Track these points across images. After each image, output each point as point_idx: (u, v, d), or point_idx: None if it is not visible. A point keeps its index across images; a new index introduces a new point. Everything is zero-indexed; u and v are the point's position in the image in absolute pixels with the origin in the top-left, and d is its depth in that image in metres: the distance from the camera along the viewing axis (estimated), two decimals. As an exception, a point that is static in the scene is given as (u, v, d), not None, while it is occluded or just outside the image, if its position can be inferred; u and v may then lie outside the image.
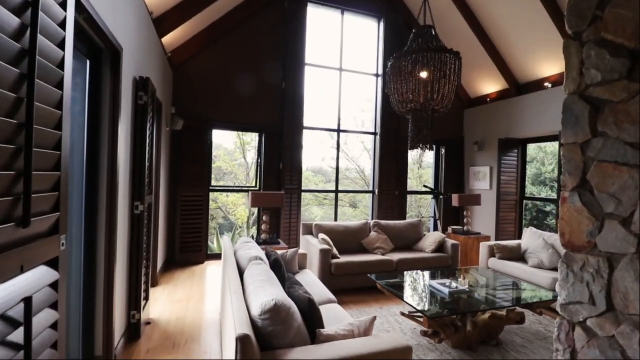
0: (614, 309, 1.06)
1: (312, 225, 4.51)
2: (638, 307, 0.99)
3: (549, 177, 8.43)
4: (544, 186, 8.43)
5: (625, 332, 1.03)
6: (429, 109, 3.44)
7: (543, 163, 8.47)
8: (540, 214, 8.41)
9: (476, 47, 5.51)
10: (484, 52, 5.48)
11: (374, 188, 6.07)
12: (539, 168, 8.81)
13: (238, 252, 2.78)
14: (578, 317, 1.20)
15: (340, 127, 5.91)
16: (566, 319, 1.28)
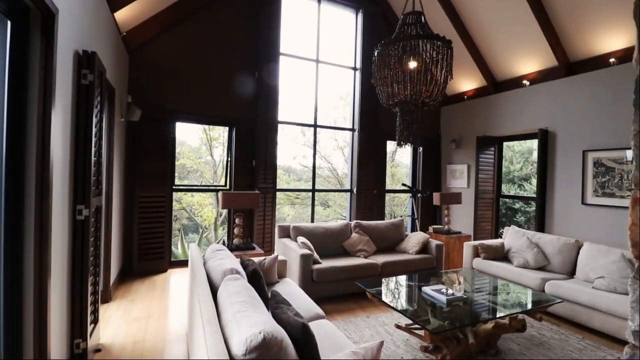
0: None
1: (290, 227, 4.14)
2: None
3: (517, 176, 8.67)
4: (513, 184, 8.65)
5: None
6: (419, 102, 3.20)
7: (512, 162, 8.69)
8: (509, 212, 8.63)
9: (456, 43, 5.40)
10: (463, 48, 5.39)
11: (352, 187, 5.80)
12: (507, 167, 9.04)
13: (209, 263, 2.35)
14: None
15: (317, 123, 5.57)
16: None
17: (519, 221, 8.41)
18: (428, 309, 2.54)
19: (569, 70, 4.51)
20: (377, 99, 5.77)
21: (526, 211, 8.47)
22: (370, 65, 5.75)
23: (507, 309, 2.55)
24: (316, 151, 5.67)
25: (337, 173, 10.51)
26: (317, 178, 10.27)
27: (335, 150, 10.15)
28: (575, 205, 4.37)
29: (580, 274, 3.51)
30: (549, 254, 3.82)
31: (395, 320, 3.16)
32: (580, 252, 3.64)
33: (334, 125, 7.57)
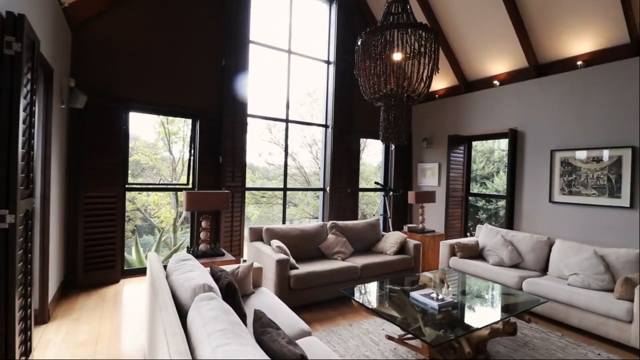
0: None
1: (263, 229, 3.80)
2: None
3: (479, 174, 8.99)
4: (475, 183, 8.96)
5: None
6: (404, 96, 3.03)
7: (474, 161, 9.00)
8: (471, 209, 8.93)
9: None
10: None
11: (325, 186, 5.57)
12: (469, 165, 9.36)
13: (174, 277, 1.98)
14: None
15: (289, 118, 5.26)
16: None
17: (481, 219, 8.73)
18: (418, 315, 2.37)
19: (539, 71, 4.63)
20: (352, 94, 5.63)
21: (488, 209, 8.82)
22: (345, 59, 5.59)
23: (499, 313, 2.45)
24: (288, 148, 5.35)
25: (304, 171, 10.25)
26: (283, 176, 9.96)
27: (302, 147, 9.87)
28: (543, 203, 4.50)
29: (553, 270, 3.58)
30: (522, 252, 3.86)
31: (379, 326, 2.98)
32: (552, 249, 3.71)
33: (306, 121, 7.29)
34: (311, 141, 9.89)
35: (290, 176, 9.78)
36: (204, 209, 3.18)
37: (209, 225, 3.30)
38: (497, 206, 8.49)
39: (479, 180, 8.90)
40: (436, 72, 2.88)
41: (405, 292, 2.75)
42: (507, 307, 2.54)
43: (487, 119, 5.25)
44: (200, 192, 3.19)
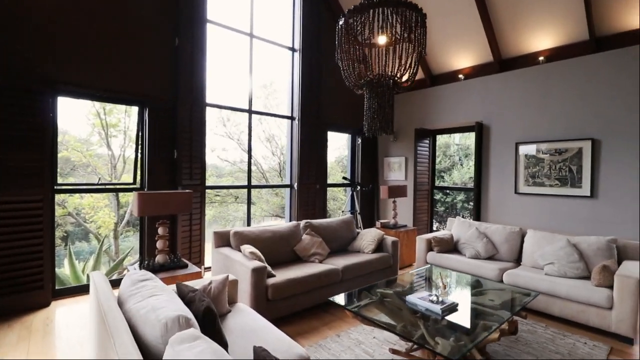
0: None
1: (230, 233, 3.34)
2: None
3: (438, 168, 9.26)
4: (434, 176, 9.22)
5: None
6: (390, 82, 2.79)
7: (432, 155, 9.25)
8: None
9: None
10: (404, 37, 5.25)
11: (293, 182, 5.20)
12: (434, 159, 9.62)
13: (130, 305, 1.51)
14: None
15: (252, 108, 4.78)
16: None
17: (439, 211, 9.01)
18: (420, 322, 2.15)
19: (502, 66, 4.73)
20: (319, 84, 5.31)
21: (445, 201, 9.13)
22: (311, 47, 5.23)
23: (500, 311, 2.33)
24: (251, 142, 4.88)
25: (261, 167, 9.73)
26: (238, 173, 9.35)
27: (261, 142, 9.35)
28: (508, 194, 4.62)
29: (527, 260, 3.64)
30: (496, 243, 3.89)
31: (368, 334, 2.74)
32: (524, 239, 3.78)
33: (270, 112, 6.82)
34: (269, 135, 9.40)
35: (246, 172, 9.20)
36: (161, 212, 2.64)
37: (167, 232, 2.76)
38: (455, 199, 8.81)
39: (436, 174, 9.16)
40: (424, 54, 2.67)
41: (399, 296, 2.52)
42: (507, 305, 2.43)
43: (453, 112, 5.28)
44: (157, 193, 2.64)
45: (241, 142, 8.80)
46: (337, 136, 6.46)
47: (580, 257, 3.19)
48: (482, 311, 2.34)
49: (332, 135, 6.26)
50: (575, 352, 2.50)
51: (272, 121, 8.27)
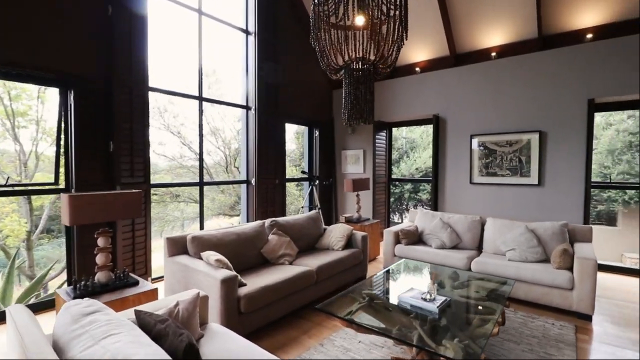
0: None
1: (187, 239, 2.87)
2: None
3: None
4: (384, 169, 9.42)
5: None
6: (370, 67, 2.59)
7: (382, 148, 9.44)
8: (381, 194, 9.39)
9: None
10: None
11: (250, 177, 4.78)
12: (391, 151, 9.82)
13: (73, 355, 1.08)
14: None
15: (203, 95, 4.24)
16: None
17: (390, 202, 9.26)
18: (415, 324, 2.01)
19: (457, 60, 4.87)
20: (278, 72, 4.92)
21: (394, 192, 9.40)
22: (267, 30, 4.80)
23: (488, 302, 2.30)
24: (202, 133, 4.34)
25: (205, 163, 8.98)
26: (179, 170, 8.48)
27: (206, 135, 8.60)
28: (464, 184, 4.81)
29: (488, 248, 3.78)
30: (460, 232, 3.99)
31: (353, 339, 2.55)
32: (484, 227, 3.93)
33: (223, 100, 6.22)
34: (213, 128, 8.69)
35: (188, 169, 8.41)
36: (101, 219, 2.10)
37: (109, 242, 2.22)
38: (403, 189, 9.11)
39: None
40: (405, 37, 2.51)
41: (386, 295, 2.36)
42: (492, 296, 2.42)
43: (411, 105, 5.33)
44: (94, 195, 2.09)
45: (182, 135, 7.96)
46: (288, 128, 6.15)
47: (538, 242, 3.38)
48: (472, 304, 2.29)
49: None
50: (548, 334, 2.61)
51: (216, 113, 7.61)
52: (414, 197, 9.00)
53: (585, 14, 3.83)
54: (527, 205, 4.29)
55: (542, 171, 4.19)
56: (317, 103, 5.92)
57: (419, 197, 8.79)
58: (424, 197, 8.68)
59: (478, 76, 4.66)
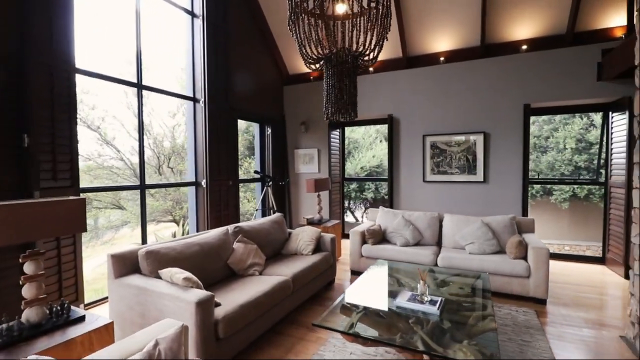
0: None
1: (140, 255, 2.36)
2: None
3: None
4: (329, 168, 9.43)
5: None
6: (351, 58, 2.44)
7: (327, 147, 9.43)
8: (327, 193, 9.38)
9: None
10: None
11: (200, 178, 4.26)
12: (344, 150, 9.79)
13: None
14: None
15: (143, 82, 3.62)
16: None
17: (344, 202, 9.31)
18: (417, 328, 1.93)
19: (409, 62, 5.03)
20: (228, 62, 4.46)
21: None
22: (217, 13, 4.29)
23: (475, 298, 2.34)
24: (143, 126, 3.70)
25: (130, 163, 7.89)
26: (99, 171, 7.30)
27: (131, 131, 7.54)
28: (417, 182, 5.00)
29: (448, 242, 3.96)
30: (421, 229, 4.11)
31: (341, 350, 2.38)
32: (442, 223, 4.11)
33: (168, 91, 5.43)
34: (134, 125, 7.67)
35: (109, 169, 7.26)
36: (29, 238, 1.55)
37: (41, 268, 1.66)
38: (349, 189, 9.24)
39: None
40: (388, 30, 2.41)
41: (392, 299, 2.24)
42: (475, 291, 2.48)
43: (365, 105, 5.35)
44: (17, 206, 1.52)
45: (101, 131, 6.84)
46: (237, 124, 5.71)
47: (493, 234, 3.64)
48: (462, 302, 2.31)
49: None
50: (517, 321, 2.79)
51: (144, 106, 6.73)
52: (360, 196, 9.20)
53: (521, 27, 4.27)
54: (475, 201, 4.63)
55: (487, 169, 4.56)
56: (269, 99, 5.59)
57: (364, 196, 9.00)
58: (369, 195, 8.92)
59: (429, 79, 4.88)
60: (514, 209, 4.41)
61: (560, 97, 4.15)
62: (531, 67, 4.26)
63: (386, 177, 5.25)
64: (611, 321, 2.78)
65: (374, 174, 8.93)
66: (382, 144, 9.57)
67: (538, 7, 4.05)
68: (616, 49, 3.58)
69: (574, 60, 4.06)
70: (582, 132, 8.21)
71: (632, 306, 2.38)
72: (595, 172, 6.03)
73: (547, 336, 2.54)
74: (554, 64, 4.15)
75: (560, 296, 3.32)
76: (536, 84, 4.25)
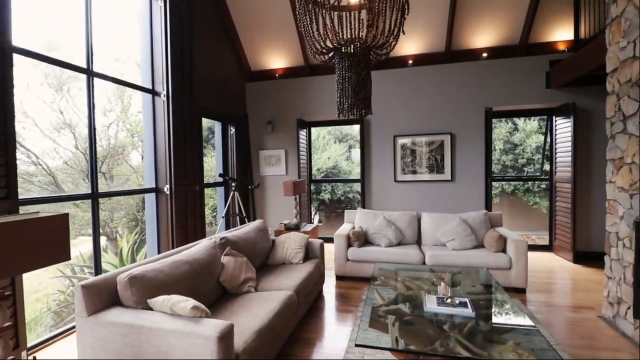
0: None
1: (121, 282, 1.88)
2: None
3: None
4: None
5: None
6: (364, 49, 2.29)
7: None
8: (282, 196, 9.06)
9: (271, 12, 4.68)
10: (283, 19, 4.73)
11: (162, 184, 3.69)
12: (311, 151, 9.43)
13: None
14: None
15: (94, 67, 2.98)
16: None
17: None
18: (454, 333, 1.87)
19: (379, 64, 5.06)
20: (192, 52, 3.94)
21: (296, 194, 9.24)
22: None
23: (488, 295, 2.37)
24: (94, 122, 3.05)
25: (47, 167, 6.65)
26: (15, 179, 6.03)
27: (45, 129, 6.34)
28: (389, 182, 5.06)
29: (427, 240, 4.05)
30: (402, 229, 4.13)
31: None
32: (421, 222, 4.19)
33: (123, 80, 4.54)
34: (69, 120, 6.51)
35: (26, 178, 6.01)
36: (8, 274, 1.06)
37: (7, 317, 1.16)
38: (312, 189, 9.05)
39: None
40: (404, 17, 2.32)
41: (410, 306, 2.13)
42: (489, 288, 2.52)
43: (334, 104, 5.25)
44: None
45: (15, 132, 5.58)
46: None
47: (471, 230, 3.82)
48: (481, 300, 2.32)
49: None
50: (510, 312, 2.93)
51: (64, 102, 5.70)
52: (318, 197, 9.07)
53: (481, 36, 4.59)
54: (443, 199, 4.85)
55: (454, 168, 4.81)
56: (231, 96, 5.14)
57: (321, 197, 8.91)
58: (326, 197, 8.86)
59: (399, 81, 4.97)
60: (479, 205, 4.71)
61: (515, 101, 4.56)
62: (491, 74, 4.61)
63: (355, 178, 5.21)
64: (583, 303, 3.10)
65: (330, 175, 8.90)
66: (336, 145, 9.60)
67: (497, 18, 4.40)
68: (565, 60, 4.04)
69: (526, 69, 4.50)
70: (507, 135, 9.28)
71: (610, 288, 2.66)
72: (540, 170, 6.79)
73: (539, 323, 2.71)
74: (510, 71, 4.55)
75: (531, 284, 3.61)
76: (495, 89, 4.61)
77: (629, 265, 2.41)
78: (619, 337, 2.44)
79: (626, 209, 2.45)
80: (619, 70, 2.51)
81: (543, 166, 5.68)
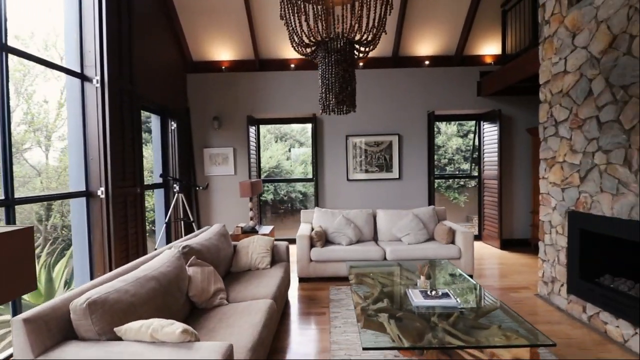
0: None
1: (76, 310, 1.51)
2: None
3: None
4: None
5: None
6: (348, 45, 2.26)
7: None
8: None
9: (223, 7, 4.37)
10: (233, 6, 4.44)
11: (93, 186, 3.11)
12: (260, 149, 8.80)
13: None
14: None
15: (7, 42, 2.35)
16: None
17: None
18: (443, 324, 1.97)
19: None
20: (131, 34, 3.39)
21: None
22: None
23: (467, 284, 2.55)
24: (8, 111, 2.40)
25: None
26: None
27: None
28: (341, 181, 5.14)
29: (384, 236, 4.21)
30: (360, 226, 4.22)
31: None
32: (377, 219, 4.34)
33: (46, 60, 3.55)
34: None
35: None
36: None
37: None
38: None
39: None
40: (390, 11, 2.34)
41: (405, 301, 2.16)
42: (457, 277, 2.70)
43: (286, 102, 5.12)
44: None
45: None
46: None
47: (423, 225, 4.09)
48: (457, 289, 2.48)
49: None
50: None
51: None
52: (263, 197, 8.75)
53: (424, 44, 4.95)
54: (392, 196, 5.11)
55: (401, 167, 5.10)
56: (170, 87, 4.62)
57: (264, 198, 8.62)
58: (269, 197, 8.60)
59: (349, 81, 5.06)
60: (423, 201, 5.09)
61: (453, 106, 5.04)
62: (433, 80, 5.01)
63: (308, 177, 5.17)
64: (520, 284, 3.56)
65: (273, 175, 8.68)
66: (278, 144, 9.40)
67: (438, 29, 4.79)
68: (494, 72, 4.60)
69: (461, 78, 5.00)
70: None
71: (545, 269, 3.11)
72: (470, 168, 7.56)
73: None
74: (448, 79, 5.00)
75: (474, 270, 4.03)
76: (437, 94, 5.02)
77: (562, 249, 2.84)
78: (555, 311, 2.86)
79: (558, 200, 2.88)
80: (551, 82, 2.93)
81: (472, 165, 6.40)
